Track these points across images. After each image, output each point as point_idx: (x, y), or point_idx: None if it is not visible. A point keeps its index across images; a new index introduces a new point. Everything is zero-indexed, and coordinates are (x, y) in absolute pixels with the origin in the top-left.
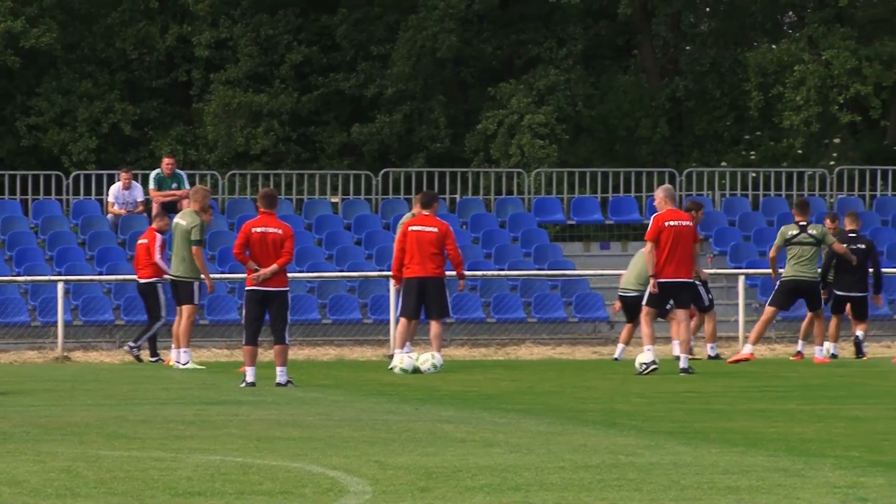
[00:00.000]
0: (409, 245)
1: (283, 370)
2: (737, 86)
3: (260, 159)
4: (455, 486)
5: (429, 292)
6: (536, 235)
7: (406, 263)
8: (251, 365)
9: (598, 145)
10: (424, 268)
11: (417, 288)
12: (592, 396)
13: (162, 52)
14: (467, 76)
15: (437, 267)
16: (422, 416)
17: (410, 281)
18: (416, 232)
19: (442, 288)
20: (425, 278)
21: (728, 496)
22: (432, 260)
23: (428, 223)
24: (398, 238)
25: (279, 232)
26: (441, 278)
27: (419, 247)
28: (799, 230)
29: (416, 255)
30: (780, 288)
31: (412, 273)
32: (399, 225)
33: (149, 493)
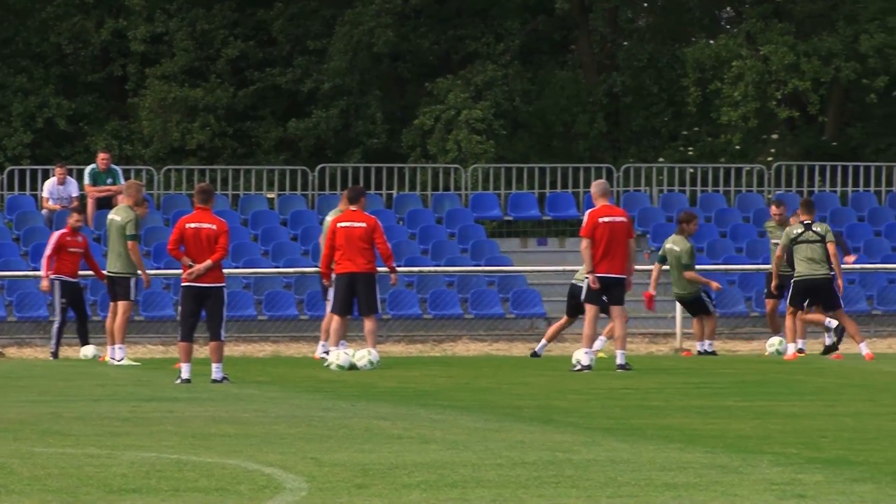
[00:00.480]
0: (339, 241)
1: (218, 367)
2: (674, 81)
3: (196, 154)
4: (391, 483)
5: (360, 288)
6: (473, 231)
7: (336, 259)
8: (186, 361)
9: (535, 141)
10: (355, 263)
11: (348, 283)
12: (529, 393)
13: (97, 47)
14: (404, 71)
15: (368, 262)
16: (358, 412)
17: (341, 277)
18: (345, 228)
19: (373, 283)
20: (356, 273)
21: (665, 493)
22: (362, 255)
23: (356, 218)
24: (327, 235)
25: (213, 227)
26: (372, 273)
27: (348, 242)
28: (804, 228)
29: (345, 250)
30: (795, 288)
31: (343, 269)
32: (326, 222)
33: (83, 490)
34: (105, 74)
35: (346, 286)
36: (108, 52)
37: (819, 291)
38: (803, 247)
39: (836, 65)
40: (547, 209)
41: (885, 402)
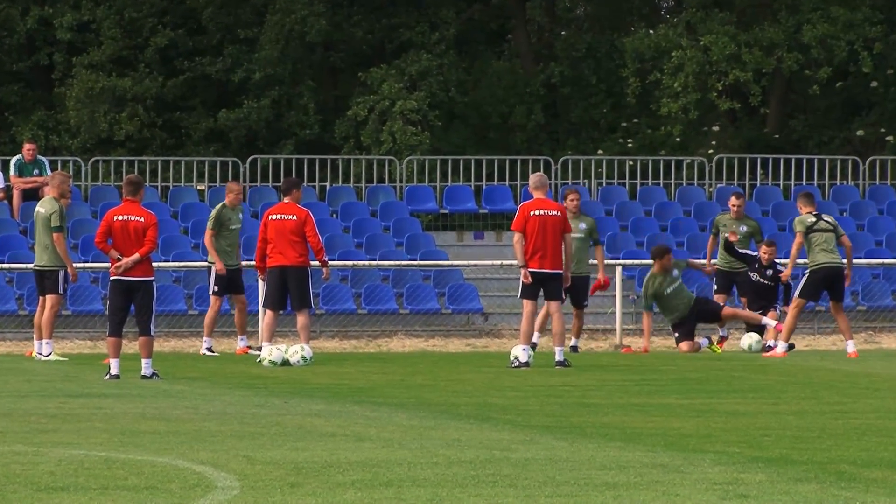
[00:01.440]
0: (270, 234)
1: (148, 362)
2: (613, 72)
3: (124, 145)
4: (325, 482)
5: (291, 282)
6: (408, 224)
7: (268, 253)
8: (115, 357)
9: (471, 132)
10: (286, 256)
11: (280, 277)
12: (466, 390)
13: (22, 35)
14: (337, 61)
15: (300, 255)
16: (291, 409)
17: (273, 270)
18: (277, 220)
19: (305, 277)
20: (287, 267)
21: (605, 492)
22: (293, 248)
23: (287, 211)
24: (260, 228)
25: (142, 220)
26: (304, 267)
27: (280, 235)
28: (816, 218)
29: (277, 243)
30: (812, 277)
31: (274, 262)
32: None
33: (10, 488)
34: (31, 63)
35: (278, 280)
36: (33, 40)
37: (836, 280)
38: (818, 235)
39: (778, 55)
40: (483, 202)
41: (828, 399)
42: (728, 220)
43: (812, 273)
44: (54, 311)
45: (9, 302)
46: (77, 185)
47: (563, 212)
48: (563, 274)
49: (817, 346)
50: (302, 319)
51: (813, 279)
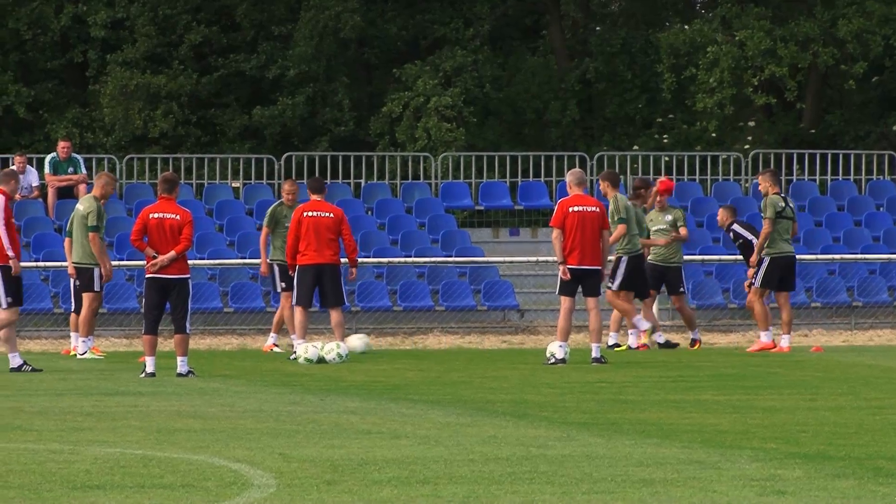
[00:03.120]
0: (305, 231)
1: (183, 360)
2: (648, 67)
3: (159, 143)
4: (362, 479)
5: (326, 280)
6: (444, 221)
7: (301, 250)
8: (151, 355)
9: (506, 128)
10: (322, 254)
11: (314, 275)
12: (502, 387)
13: (57, 32)
14: (371, 57)
15: (335, 253)
16: (327, 407)
17: (307, 268)
18: (312, 218)
19: (339, 275)
20: (322, 265)
21: (642, 489)
22: (329, 246)
23: (323, 208)
24: (291, 225)
25: (177, 218)
26: (338, 265)
27: (316, 233)
28: (784, 202)
29: (312, 241)
30: (774, 266)
31: (309, 260)
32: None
33: (46, 486)
34: (65, 61)
35: (312, 278)
36: (67, 37)
37: (791, 270)
38: (784, 223)
39: (814, 50)
40: (519, 198)
41: (865, 395)
42: (654, 214)
43: (774, 261)
44: (91, 308)
45: (44, 300)
46: None
47: (602, 208)
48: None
49: (854, 341)
50: (336, 317)
51: (775, 267)
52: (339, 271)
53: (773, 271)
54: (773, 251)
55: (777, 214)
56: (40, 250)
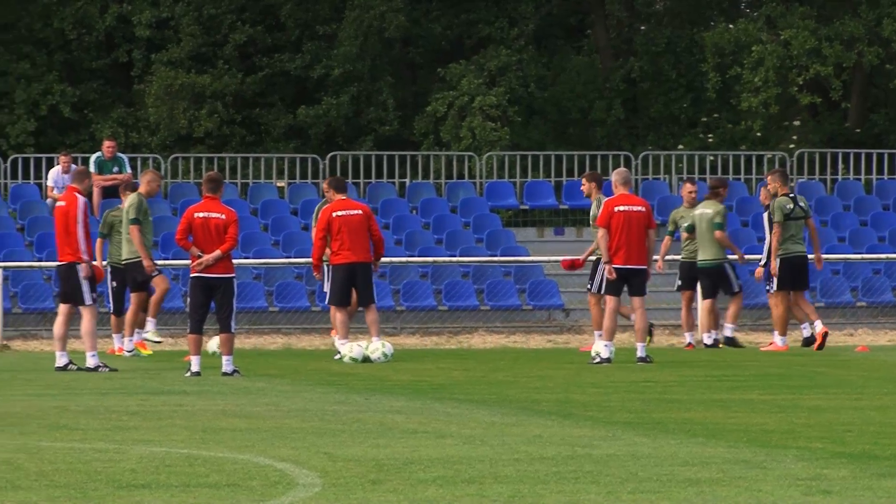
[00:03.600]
0: (337, 231)
1: (228, 359)
2: (693, 66)
3: (203, 142)
4: (407, 479)
5: (360, 278)
6: (489, 221)
7: (335, 250)
8: (196, 354)
9: (551, 128)
10: (356, 253)
11: (349, 274)
12: (547, 386)
13: (101, 32)
14: (416, 57)
15: (368, 251)
16: (372, 406)
17: (342, 267)
18: (344, 217)
19: (371, 273)
20: (356, 264)
21: (688, 489)
22: (362, 244)
23: (352, 207)
24: (319, 226)
25: (222, 217)
26: (370, 262)
27: (349, 232)
28: (793, 203)
29: (346, 240)
30: (787, 267)
31: (343, 259)
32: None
33: (91, 485)
34: (110, 60)
35: (347, 277)
36: (112, 37)
37: (803, 270)
38: (793, 224)
39: (859, 49)
40: (564, 198)
41: None
42: (685, 211)
43: (785, 262)
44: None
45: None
46: None
47: (648, 207)
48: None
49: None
50: (372, 314)
51: (789, 269)
52: (371, 269)
53: (785, 272)
54: (782, 253)
55: (786, 217)
56: None
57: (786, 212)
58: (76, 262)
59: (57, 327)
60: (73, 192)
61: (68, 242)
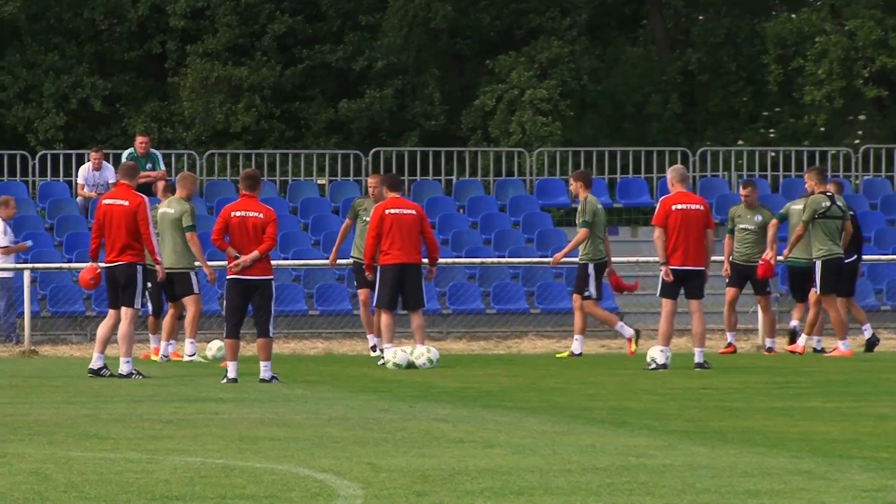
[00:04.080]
0: (388, 230)
1: (267, 365)
2: (754, 58)
3: (241, 137)
4: (453, 490)
5: (409, 280)
6: (539, 220)
7: (384, 249)
8: (233, 360)
9: (604, 122)
10: (407, 254)
11: (398, 275)
12: (600, 393)
13: (134, 23)
14: (463, 48)
15: (418, 253)
16: (417, 414)
17: (390, 268)
18: (395, 215)
19: (420, 276)
20: (406, 265)
21: (747, 500)
22: (413, 245)
23: (405, 205)
24: (371, 224)
25: (260, 216)
26: (420, 265)
27: (400, 231)
28: (830, 202)
29: (396, 240)
30: (828, 269)
31: (393, 259)
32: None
33: (123, 496)
34: (143, 52)
35: (395, 278)
36: (145, 28)
37: (840, 272)
38: (829, 222)
39: None
40: (618, 196)
41: None
42: (742, 211)
43: (826, 264)
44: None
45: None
46: None
47: (706, 206)
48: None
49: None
50: (418, 320)
51: (830, 271)
52: (421, 272)
53: (828, 273)
54: (823, 253)
55: (820, 215)
56: None
57: (820, 210)
58: (139, 262)
59: (101, 329)
60: (132, 190)
61: (131, 244)
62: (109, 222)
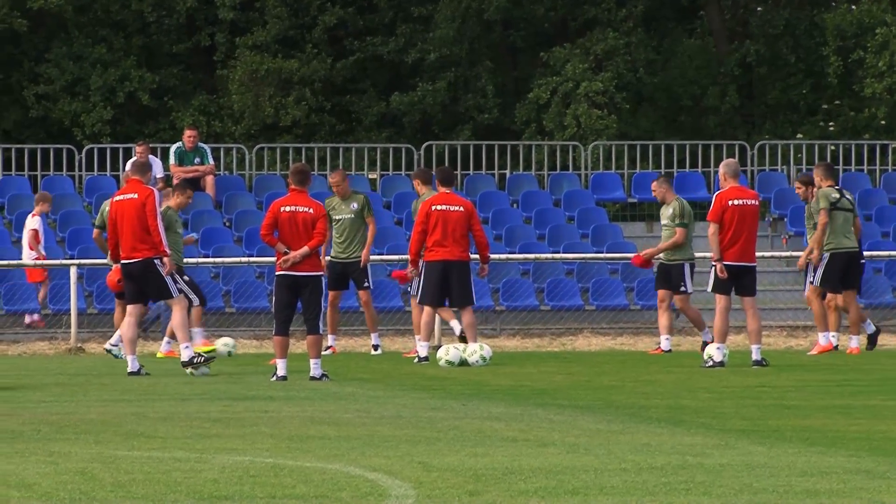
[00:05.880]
0: (433, 226)
1: (317, 363)
2: (813, 50)
3: (290, 131)
4: (506, 490)
5: (456, 278)
6: (594, 214)
7: (429, 246)
8: (282, 357)
9: (661, 116)
10: (450, 251)
11: (441, 272)
12: (656, 391)
13: (182, 15)
14: (517, 40)
15: (464, 250)
16: (469, 412)
17: (433, 265)
18: (442, 211)
19: (468, 272)
20: (450, 262)
21: (806, 500)
22: (459, 242)
23: (453, 201)
24: (418, 219)
25: (310, 211)
26: (468, 262)
27: (444, 228)
28: (839, 194)
29: (440, 237)
30: (834, 265)
31: (436, 256)
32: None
33: (171, 496)
34: (191, 45)
35: (440, 275)
36: (194, 20)
37: (852, 266)
38: (840, 215)
39: None
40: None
41: None
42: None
43: (833, 259)
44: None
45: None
46: (241, 173)
47: (760, 200)
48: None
49: None
50: (468, 317)
51: (835, 266)
52: (469, 268)
53: (833, 268)
54: (833, 246)
55: (832, 206)
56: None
57: (832, 200)
58: (154, 257)
59: (127, 330)
60: (141, 184)
61: (143, 238)
62: (122, 219)
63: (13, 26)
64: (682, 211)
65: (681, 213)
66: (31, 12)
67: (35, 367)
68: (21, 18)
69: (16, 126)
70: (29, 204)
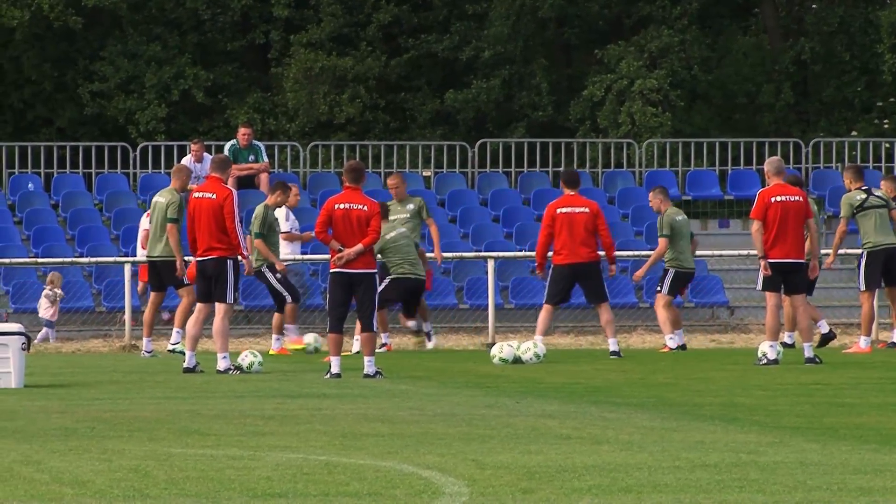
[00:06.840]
0: (559, 229)
1: (370, 360)
2: (868, 47)
3: (345, 129)
4: (560, 488)
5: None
6: (649, 212)
7: (557, 249)
8: (336, 355)
9: (715, 113)
10: (577, 254)
11: (569, 276)
12: (710, 389)
13: (237, 12)
14: (572, 37)
15: (592, 251)
16: (523, 410)
17: (561, 268)
18: (566, 214)
19: (599, 272)
20: (578, 265)
21: (860, 498)
22: (585, 244)
23: (578, 203)
24: (544, 221)
25: (364, 209)
26: (597, 261)
27: (570, 231)
28: (866, 194)
29: (567, 240)
30: (872, 261)
31: (563, 260)
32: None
33: (224, 494)
34: (246, 42)
35: (566, 279)
36: (248, 17)
37: (891, 261)
38: (871, 213)
39: None
40: (729, 188)
41: None
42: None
43: (871, 256)
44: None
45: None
46: (295, 171)
47: (805, 197)
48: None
49: None
50: (605, 315)
51: (873, 262)
52: (599, 267)
53: (873, 267)
54: (869, 245)
55: (859, 209)
56: None
57: (855, 204)
58: (229, 256)
59: (192, 326)
60: (221, 183)
61: (220, 238)
62: (199, 216)
63: (68, 24)
64: (662, 223)
65: (661, 225)
66: (86, 10)
67: (89, 364)
68: (76, 16)
69: (71, 124)
70: (85, 201)
